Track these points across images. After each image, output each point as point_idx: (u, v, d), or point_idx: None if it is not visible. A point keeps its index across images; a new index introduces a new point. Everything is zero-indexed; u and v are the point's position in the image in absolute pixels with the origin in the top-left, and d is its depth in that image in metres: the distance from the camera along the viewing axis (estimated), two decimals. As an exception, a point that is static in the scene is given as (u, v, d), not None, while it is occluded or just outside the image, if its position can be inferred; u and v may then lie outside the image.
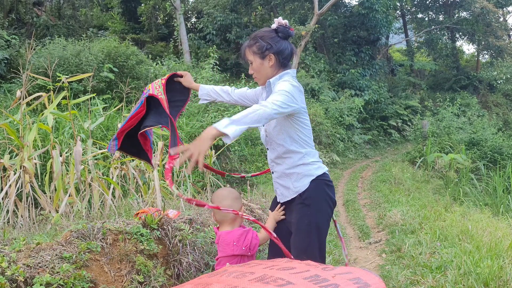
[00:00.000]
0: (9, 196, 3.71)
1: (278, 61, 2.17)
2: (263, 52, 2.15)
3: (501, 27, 23.53)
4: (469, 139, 12.67)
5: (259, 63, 2.17)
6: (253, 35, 2.22)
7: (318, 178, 2.17)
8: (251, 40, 2.20)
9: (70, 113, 4.30)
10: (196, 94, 2.62)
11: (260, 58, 2.17)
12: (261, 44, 2.15)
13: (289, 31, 2.18)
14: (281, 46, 2.16)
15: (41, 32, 15.20)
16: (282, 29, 2.17)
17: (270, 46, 2.15)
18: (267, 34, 2.17)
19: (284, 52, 2.17)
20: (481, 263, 3.29)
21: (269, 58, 2.16)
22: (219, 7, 17.82)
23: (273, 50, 2.15)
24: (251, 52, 2.19)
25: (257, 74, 2.22)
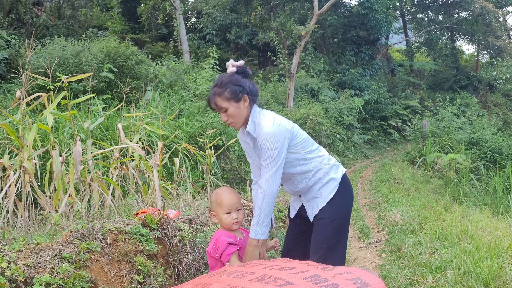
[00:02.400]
0: (9, 196, 3.71)
1: (250, 100, 2.27)
2: (237, 95, 2.20)
3: (501, 27, 23.54)
4: (468, 139, 12.68)
5: (236, 107, 2.22)
6: (218, 83, 2.24)
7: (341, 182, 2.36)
8: (219, 88, 2.22)
9: (69, 113, 4.30)
10: (196, 94, 2.65)
11: (235, 102, 2.21)
12: (233, 88, 2.20)
13: (247, 69, 2.29)
14: (249, 85, 2.27)
15: (41, 32, 15.20)
16: (241, 69, 2.26)
17: (242, 88, 2.22)
18: (233, 79, 2.22)
19: (253, 90, 2.28)
20: (481, 263, 3.29)
21: (244, 99, 2.23)
22: (218, 7, 17.82)
23: (246, 91, 2.23)
24: (224, 98, 2.21)
25: (233, 119, 2.26)
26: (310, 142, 2.36)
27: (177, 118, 8.88)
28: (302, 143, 2.30)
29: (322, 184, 2.32)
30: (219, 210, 2.30)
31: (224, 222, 2.29)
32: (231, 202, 2.29)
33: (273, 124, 2.19)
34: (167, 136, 6.95)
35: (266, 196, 2.18)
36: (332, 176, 2.33)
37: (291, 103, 13.65)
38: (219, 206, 2.30)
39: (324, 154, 2.38)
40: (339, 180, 2.34)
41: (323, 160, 2.34)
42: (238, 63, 2.28)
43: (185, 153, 6.70)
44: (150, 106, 8.41)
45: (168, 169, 6.60)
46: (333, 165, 2.36)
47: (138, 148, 4.61)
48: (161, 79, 11.23)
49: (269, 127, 2.19)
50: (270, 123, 2.20)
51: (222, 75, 2.28)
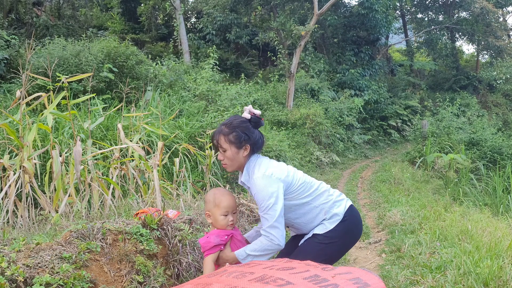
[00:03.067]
0: (9, 196, 3.71)
1: (251, 151, 2.27)
2: (240, 142, 2.23)
3: (501, 27, 23.53)
4: (468, 139, 12.68)
5: (235, 152, 2.24)
6: (228, 123, 2.27)
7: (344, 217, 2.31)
8: (227, 129, 2.25)
9: (69, 113, 4.30)
10: (196, 94, 2.66)
11: (236, 148, 2.24)
12: (239, 134, 2.23)
13: (260, 121, 2.29)
14: (256, 136, 2.27)
15: (41, 32, 15.20)
16: (255, 119, 2.27)
17: (248, 137, 2.24)
18: (243, 125, 2.25)
19: (258, 143, 2.28)
20: (481, 263, 3.29)
21: (245, 148, 2.25)
22: (218, 7, 17.82)
23: (250, 142, 2.25)
24: (227, 140, 2.24)
25: (228, 162, 2.29)
26: (309, 185, 2.29)
27: (177, 118, 8.88)
28: (300, 189, 2.26)
29: (326, 220, 2.30)
30: (216, 211, 2.31)
31: (220, 223, 2.30)
32: (229, 204, 2.30)
33: (263, 176, 2.16)
34: (167, 136, 6.94)
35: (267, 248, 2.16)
36: (335, 211, 2.29)
37: (291, 103, 13.66)
38: (216, 207, 2.31)
39: (324, 193, 2.31)
40: (342, 215, 2.29)
41: (323, 200, 2.29)
42: (255, 111, 2.29)
43: (185, 153, 6.70)
44: (150, 106, 8.41)
45: (168, 169, 6.60)
46: (334, 202, 2.30)
47: (138, 148, 4.61)
48: (161, 79, 11.23)
49: (259, 179, 2.16)
50: (261, 174, 2.17)
51: (236, 117, 2.30)
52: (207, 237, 2.30)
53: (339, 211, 2.29)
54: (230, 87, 11.34)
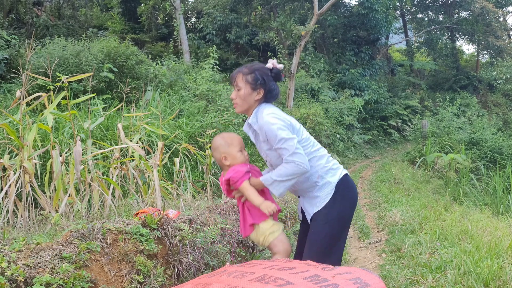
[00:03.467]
0: (9, 196, 3.71)
1: (264, 98, 2.31)
2: (256, 84, 2.28)
3: (501, 27, 23.53)
4: (469, 139, 12.67)
5: (248, 93, 2.29)
6: (250, 65, 2.34)
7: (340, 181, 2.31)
8: (247, 69, 2.31)
9: (70, 113, 4.30)
10: (196, 94, 2.67)
11: (251, 89, 2.29)
12: (257, 77, 2.28)
13: (281, 75, 2.35)
14: (272, 85, 2.32)
15: (41, 32, 15.20)
16: (276, 71, 2.33)
17: (264, 82, 2.29)
18: (264, 70, 2.31)
19: (272, 92, 2.33)
20: (481, 263, 3.29)
21: (259, 92, 2.30)
22: (219, 7, 17.82)
23: (265, 87, 2.29)
24: (244, 80, 2.29)
25: (240, 101, 2.33)
26: (311, 142, 2.32)
27: (177, 118, 8.88)
28: (303, 142, 2.27)
29: (318, 187, 2.29)
30: (232, 150, 2.39)
31: (239, 160, 2.38)
32: (240, 140, 2.42)
33: (272, 114, 2.22)
34: (167, 136, 6.94)
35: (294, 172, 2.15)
36: (328, 179, 2.28)
37: (291, 103, 13.66)
38: (231, 145, 2.39)
39: (323, 157, 2.32)
40: (335, 184, 2.28)
41: (320, 164, 2.29)
42: (278, 65, 2.34)
43: (185, 153, 6.70)
44: (150, 106, 8.41)
45: (168, 169, 6.60)
46: (330, 169, 2.30)
47: (138, 148, 4.62)
48: (161, 79, 11.23)
49: (269, 115, 2.21)
50: (270, 112, 2.23)
51: (260, 63, 2.36)
52: (233, 170, 2.34)
53: (333, 180, 2.29)
54: (230, 87, 11.34)
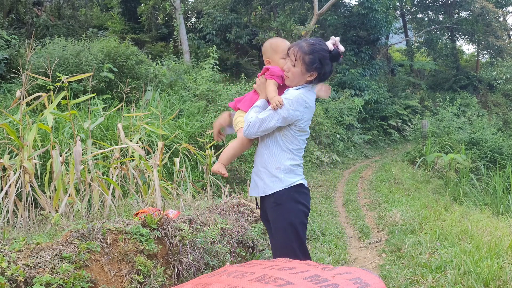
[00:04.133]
0: (9, 196, 3.71)
1: (316, 79, 2.29)
2: (312, 66, 2.24)
3: (501, 27, 23.52)
4: (469, 139, 12.67)
5: (301, 72, 2.27)
6: (311, 43, 2.26)
7: (291, 186, 2.26)
8: (307, 48, 2.24)
9: (70, 113, 4.30)
10: (196, 94, 2.68)
11: (305, 69, 2.25)
12: (314, 59, 2.23)
13: (339, 57, 2.30)
14: (327, 68, 2.28)
15: (41, 32, 15.19)
16: (336, 52, 2.27)
17: (320, 66, 2.25)
18: (323, 53, 2.24)
19: (326, 75, 2.31)
20: (481, 263, 3.29)
21: (311, 75, 2.27)
22: (219, 7, 17.82)
23: (320, 70, 2.26)
24: (301, 58, 2.24)
25: (291, 76, 2.30)
26: (302, 141, 2.33)
27: (177, 118, 8.88)
28: (296, 133, 2.27)
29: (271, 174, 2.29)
30: (275, 56, 2.42)
31: (280, 66, 2.39)
32: (285, 48, 2.39)
33: (300, 93, 2.23)
34: (167, 136, 6.94)
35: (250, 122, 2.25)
36: (281, 176, 2.26)
37: (291, 103, 13.65)
38: (275, 52, 2.43)
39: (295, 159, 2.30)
40: (287, 185, 2.25)
41: (288, 161, 2.27)
42: (340, 46, 2.29)
43: (185, 153, 6.70)
44: (150, 106, 8.41)
45: (168, 169, 6.60)
46: (291, 170, 2.27)
47: (138, 148, 4.62)
48: (161, 79, 11.23)
49: (297, 92, 2.24)
50: (300, 91, 2.25)
51: (320, 42, 2.29)
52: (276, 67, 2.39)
53: (285, 180, 2.26)
54: (230, 87, 11.33)
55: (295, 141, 2.29)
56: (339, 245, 4.74)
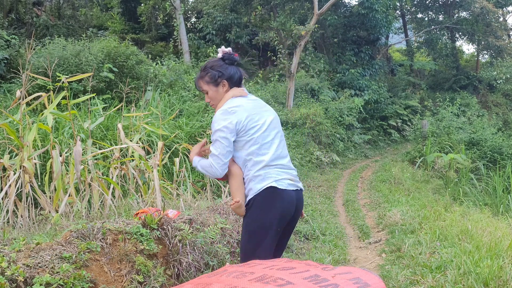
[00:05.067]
0: (9, 196, 3.71)
1: (230, 86, 2.38)
2: (216, 80, 2.36)
3: (501, 27, 23.50)
4: (468, 139, 12.67)
5: (215, 91, 2.37)
6: (202, 67, 2.41)
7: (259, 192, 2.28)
8: (202, 72, 2.39)
9: (70, 113, 4.30)
10: (196, 94, 2.70)
11: (214, 86, 2.37)
12: (213, 73, 2.36)
13: (233, 57, 2.39)
14: (231, 71, 2.37)
15: (41, 32, 15.19)
16: (228, 56, 2.38)
17: (222, 73, 2.35)
18: (216, 63, 2.38)
19: (234, 77, 2.39)
20: (481, 263, 3.29)
21: (223, 84, 2.37)
22: (219, 7, 17.81)
23: (225, 77, 2.36)
24: (205, 82, 2.38)
25: (213, 101, 2.41)
26: (258, 146, 2.28)
27: (177, 118, 8.88)
28: (248, 143, 2.27)
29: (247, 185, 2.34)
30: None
31: None
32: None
33: (223, 111, 2.27)
34: (167, 136, 6.94)
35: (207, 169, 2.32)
36: (251, 186, 2.28)
37: (291, 103, 13.65)
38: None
39: (259, 163, 2.27)
40: (255, 192, 2.26)
41: (253, 169, 2.27)
42: (226, 49, 2.39)
43: (185, 153, 6.69)
44: (150, 106, 8.41)
45: (168, 169, 6.59)
46: (258, 176, 2.26)
47: (138, 148, 4.62)
48: (161, 79, 11.22)
49: (219, 112, 2.29)
50: (224, 108, 2.29)
51: (209, 60, 2.43)
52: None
53: (255, 188, 2.27)
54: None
55: (250, 148, 2.28)
56: (339, 245, 4.75)
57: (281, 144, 2.38)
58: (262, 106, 2.41)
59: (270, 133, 2.33)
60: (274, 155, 2.30)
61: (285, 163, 2.35)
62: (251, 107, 2.32)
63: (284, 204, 2.28)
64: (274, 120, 2.40)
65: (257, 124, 2.29)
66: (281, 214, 2.28)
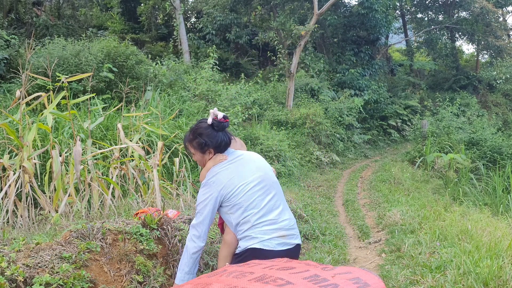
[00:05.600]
0: (9, 196, 3.71)
1: (215, 152, 2.39)
2: (203, 148, 2.37)
3: (501, 27, 23.50)
4: (468, 139, 12.67)
5: (201, 157, 2.41)
6: (192, 130, 2.41)
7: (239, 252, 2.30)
8: (191, 135, 2.40)
9: (69, 113, 4.30)
10: (196, 94, 2.69)
11: (200, 153, 2.39)
12: (200, 141, 2.36)
13: (223, 124, 2.35)
14: (218, 139, 2.36)
15: (41, 32, 15.19)
16: (217, 123, 2.34)
17: (209, 142, 2.35)
18: (205, 132, 2.35)
19: (221, 144, 2.38)
20: (481, 263, 3.29)
21: (209, 152, 2.38)
22: (218, 7, 17.81)
23: (211, 146, 2.36)
24: (192, 146, 2.41)
25: (199, 163, 2.47)
26: (243, 208, 2.26)
27: (177, 118, 8.88)
28: (232, 208, 2.28)
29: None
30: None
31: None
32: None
33: (204, 183, 2.32)
34: (167, 136, 6.94)
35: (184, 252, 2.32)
36: (240, 244, 2.28)
37: (291, 103, 13.65)
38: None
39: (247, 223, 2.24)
40: (239, 250, 2.27)
41: (242, 229, 2.26)
42: (218, 114, 2.34)
43: (185, 153, 6.69)
44: (150, 106, 8.41)
45: (168, 169, 6.59)
46: (246, 236, 2.24)
47: (138, 148, 4.62)
48: (161, 79, 11.22)
49: (202, 184, 2.33)
50: (204, 182, 2.33)
51: (200, 122, 2.40)
52: None
53: (242, 245, 2.26)
54: (230, 87, 11.33)
55: (237, 212, 2.27)
56: (339, 245, 4.75)
57: (274, 197, 2.32)
58: (246, 164, 2.36)
59: (254, 191, 2.28)
60: (261, 212, 2.25)
61: (274, 216, 2.26)
62: (230, 171, 2.30)
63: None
64: (262, 174, 2.35)
65: (238, 188, 2.27)
66: None
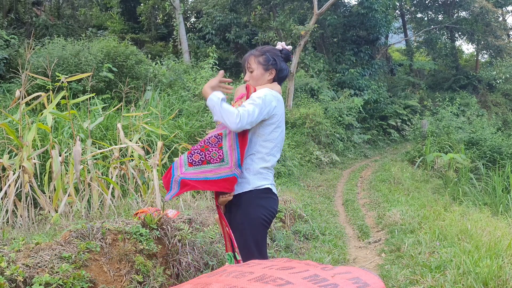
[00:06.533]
0: (8, 196, 3.71)
1: (276, 77, 2.39)
2: (268, 65, 2.36)
3: (500, 27, 23.52)
4: (468, 138, 12.67)
5: (261, 73, 2.37)
6: (261, 48, 2.42)
7: (257, 189, 2.21)
8: (259, 52, 2.39)
9: (69, 113, 4.30)
10: (195, 94, 2.68)
11: (263, 69, 2.36)
12: (268, 57, 2.36)
13: (290, 55, 2.44)
14: (283, 65, 2.40)
15: (40, 31, 15.19)
16: (286, 52, 2.41)
17: (275, 62, 2.37)
18: (274, 51, 2.39)
19: (283, 71, 2.41)
20: (480, 263, 3.29)
21: (271, 72, 2.37)
22: (218, 7, 17.82)
23: (276, 67, 2.37)
24: (256, 61, 2.37)
25: (253, 82, 2.39)
26: (273, 144, 2.25)
27: (177, 118, 8.88)
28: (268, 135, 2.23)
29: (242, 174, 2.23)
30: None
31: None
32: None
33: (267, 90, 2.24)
34: (166, 136, 6.94)
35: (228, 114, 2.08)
36: (250, 178, 2.21)
37: (290, 102, 13.66)
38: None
39: (264, 162, 2.22)
40: (254, 187, 2.20)
41: (258, 162, 2.22)
42: (287, 47, 2.42)
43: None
44: (150, 105, 8.41)
45: (168, 169, 6.59)
46: (260, 173, 2.22)
47: (138, 148, 4.62)
48: (160, 78, 11.22)
49: (263, 90, 2.24)
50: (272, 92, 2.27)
51: (269, 46, 2.44)
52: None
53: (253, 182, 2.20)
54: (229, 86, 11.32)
55: (267, 142, 2.24)
56: (339, 244, 4.75)
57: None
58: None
59: (283, 138, 2.35)
60: (275, 160, 2.30)
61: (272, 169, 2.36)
62: (283, 108, 2.35)
63: (275, 207, 2.28)
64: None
65: (281, 124, 2.30)
66: (271, 213, 2.26)
